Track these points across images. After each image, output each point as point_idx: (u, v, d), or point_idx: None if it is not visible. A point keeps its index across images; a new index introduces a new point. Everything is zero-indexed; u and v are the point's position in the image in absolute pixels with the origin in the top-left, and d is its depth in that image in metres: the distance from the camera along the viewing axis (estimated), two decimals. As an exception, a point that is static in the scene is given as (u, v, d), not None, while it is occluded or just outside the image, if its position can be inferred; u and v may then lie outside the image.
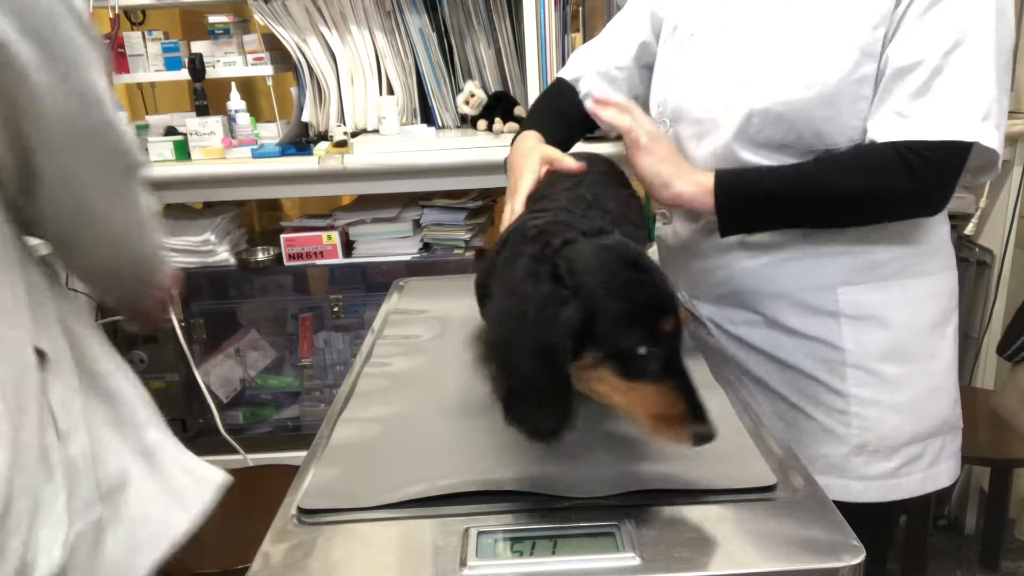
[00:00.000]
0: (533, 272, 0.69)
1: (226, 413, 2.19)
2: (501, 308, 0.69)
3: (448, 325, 1.17)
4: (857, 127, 0.97)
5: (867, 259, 1.04)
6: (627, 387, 0.67)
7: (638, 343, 0.65)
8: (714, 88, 1.03)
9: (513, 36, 2.09)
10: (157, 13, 2.29)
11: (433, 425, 0.86)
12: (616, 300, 0.65)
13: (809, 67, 0.96)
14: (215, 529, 1.72)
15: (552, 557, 0.65)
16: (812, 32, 0.97)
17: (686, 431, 0.66)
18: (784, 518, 0.68)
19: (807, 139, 0.98)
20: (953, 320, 1.10)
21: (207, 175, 2.02)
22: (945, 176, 0.95)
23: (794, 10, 0.98)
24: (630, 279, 0.67)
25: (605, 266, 0.68)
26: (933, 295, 1.07)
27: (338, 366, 2.28)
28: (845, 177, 0.95)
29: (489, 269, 0.86)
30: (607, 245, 0.70)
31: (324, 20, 2.03)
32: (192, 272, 2.11)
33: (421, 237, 2.12)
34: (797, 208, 0.99)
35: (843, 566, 0.62)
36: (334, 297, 2.19)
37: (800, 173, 0.97)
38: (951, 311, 1.09)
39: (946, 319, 1.08)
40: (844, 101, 0.95)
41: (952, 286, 1.09)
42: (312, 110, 2.13)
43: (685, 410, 0.66)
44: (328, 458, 0.81)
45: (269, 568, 0.64)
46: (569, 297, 0.66)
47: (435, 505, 0.71)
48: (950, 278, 1.09)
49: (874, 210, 0.99)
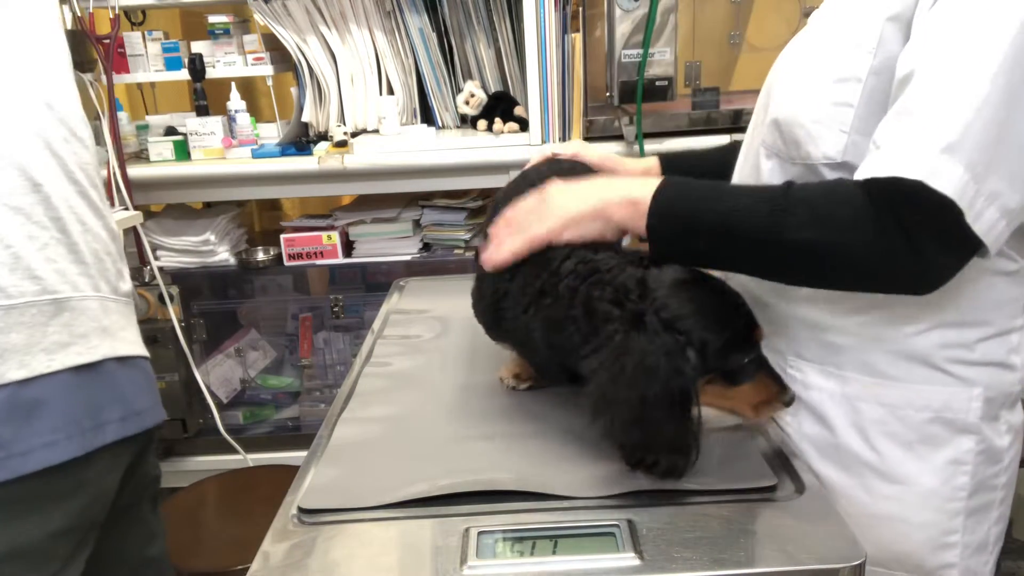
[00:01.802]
0: (633, 323, 0.72)
1: (226, 413, 2.19)
2: (619, 366, 0.71)
3: (448, 325, 1.17)
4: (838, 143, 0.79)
5: (822, 338, 0.85)
6: (734, 392, 0.76)
7: (743, 358, 0.75)
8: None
9: (513, 36, 2.09)
10: (157, 13, 2.29)
11: (433, 425, 0.86)
12: (724, 331, 0.73)
13: (794, 70, 0.85)
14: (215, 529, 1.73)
15: (552, 557, 0.65)
16: (815, 36, 0.85)
17: (779, 403, 0.77)
18: (784, 518, 0.68)
19: (792, 150, 0.83)
20: (949, 448, 0.82)
21: (207, 175, 2.02)
22: (913, 232, 0.68)
23: (817, 22, 0.86)
24: (726, 308, 0.75)
25: (703, 302, 0.74)
26: (910, 407, 0.82)
27: (338, 366, 2.28)
28: (801, 225, 0.71)
29: (505, 294, 0.85)
30: (691, 280, 0.75)
31: (324, 20, 2.03)
32: (192, 272, 2.11)
33: (421, 237, 2.12)
34: (741, 255, 0.77)
35: (843, 566, 0.62)
36: (334, 297, 2.19)
37: (752, 213, 0.73)
38: (948, 437, 0.82)
39: (931, 442, 0.82)
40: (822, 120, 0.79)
41: (952, 405, 0.81)
42: (312, 110, 2.13)
43: (777, 390, 0.77)
44: (328, 458, 0.81)
45: (269, 568, 0.64)
46: (685, 343, 0.71)
47: (435, 505, 0.71)
48: (946, 394, 0.81)
49: (835, 273, 0.74)
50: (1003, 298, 0.80)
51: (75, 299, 0.97)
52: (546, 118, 1.93)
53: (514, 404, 0.91)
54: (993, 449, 0.83)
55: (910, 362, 0.81)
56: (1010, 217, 0.68)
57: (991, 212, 0.67)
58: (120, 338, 1.03)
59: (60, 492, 0.95)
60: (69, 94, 1.07)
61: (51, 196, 0.97)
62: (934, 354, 0.80)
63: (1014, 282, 0.80)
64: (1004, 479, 0.86)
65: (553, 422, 0.85)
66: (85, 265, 1.00)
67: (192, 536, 1.66)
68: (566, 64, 1.89)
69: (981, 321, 0.80)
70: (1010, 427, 0.84)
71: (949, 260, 0.70)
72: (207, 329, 2.23)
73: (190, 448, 2.17)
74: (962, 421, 0.81)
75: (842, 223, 0.70)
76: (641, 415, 0.70)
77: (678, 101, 1.86)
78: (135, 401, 1.04)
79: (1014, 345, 0.82)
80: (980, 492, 0.84)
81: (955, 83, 0.67)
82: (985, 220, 0.67)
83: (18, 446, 0.90)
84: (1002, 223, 0.68)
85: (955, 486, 0.83)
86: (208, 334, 2.23)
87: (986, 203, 0.67)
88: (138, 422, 1.04)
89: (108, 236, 1.07)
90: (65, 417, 0.94)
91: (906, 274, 0.71)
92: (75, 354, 0.96)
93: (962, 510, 0.84)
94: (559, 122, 1.94)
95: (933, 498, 0.82)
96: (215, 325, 2.25)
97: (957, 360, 0.80)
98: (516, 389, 0.94)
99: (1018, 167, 0.67)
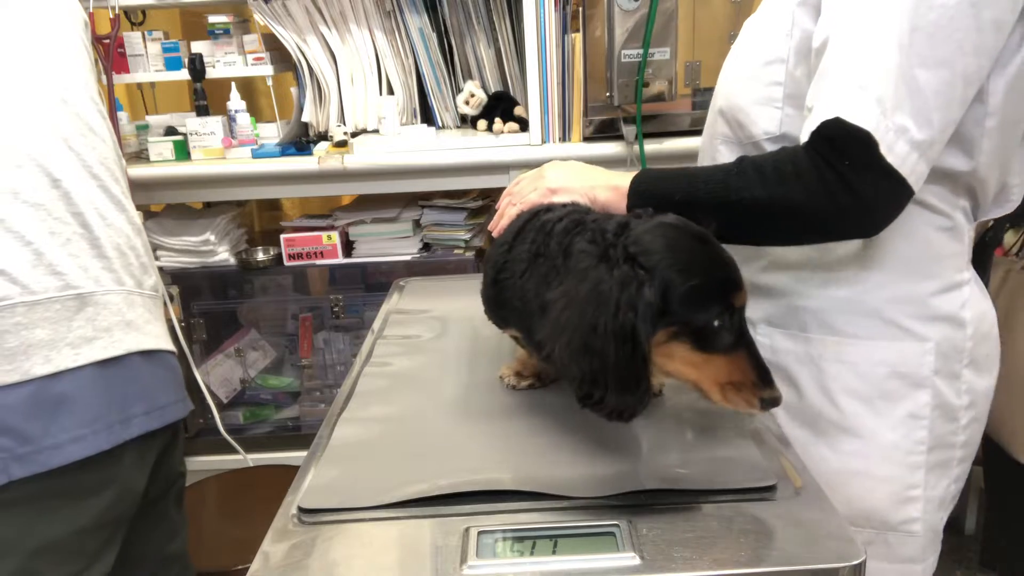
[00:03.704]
0: (601, 256, 0.70)
1: (226, 413, 2.19)
2: (573, 292, 0.69)
3: (448, 325, 1.17)
4: (773, 117, 0.88)
5: (787, 303, 0.92)
6: (700, 359, 0.70)
7: (714, 317, 0.68)
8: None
9: (513, 36, 2.09)
10: (157, 13, 2.29)
11: (433, 425, 0.86)
12: (692, 276, 0.68)
13: (732, 66, 0.95)
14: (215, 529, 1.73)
15: (552, 557, 0.65)
16: (746, 35, 0.95)
17: (756, 396, 0.70)
18: (784, 518, 0.68)
19: (738, 133, 0.93)
20: (906, 402, 0.88)
21: (207, 175, 2.02)
22: (845, 172, 0.75)
23: (748, 21, 0.97)
24: (702, 255, 0.70)
25: (677, 243, 0.69)
26: (868, 363, 0.88)
27: (338, 366, 2.28)
28: (751, 184, 0.79)
29: (504, 265, 0.86)
30: (672, 224, 0.72)
31: (324, 20, 2.03)
32: (192, 272, 2.11)
33: (421, 237, 2.12)
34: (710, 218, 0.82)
35: (843, 566, 0.62)
36: (334, 297, 2.19)
37: (709, 180, 0.82)
38: (904, 391, 0.88)
39: (889, 397, 0.88)
40: (758, 100, 0.89)
41: (907, 359, 0.87)
42: (312, 110, 2.13)
43: (754, 377, 0.70)
44: (328, 458, 0.81)
45: (269, 568, 0.64)
46: (646, 278, 0.67)
47: (435, 505, 0.71)
48: (900, 349, 0.88)
49: (787, 222, 0.81)
50: (945, 253, 0.87)
51: (98, 294, 0.98)
52: (546, 118, 1.93)
53: (514, 403, 0.91)
54: (948, 406, 0.89)
55: (867, 318, 0.88)
56: (920, 150, 0.75)
57: (901, 145, 0.74)
58: (145, 332, 1.04)
59: (88, 487, 0.96)
60: (85, 89, 1.07)
61: (71, 192, 0.98)
62: (886, 309, 0.87)
63: (951, 237, 0.87)
64: (962, 438, 0.91)
65: (553, 421, 0.85)
66: (107, 260, 1.00)
67: (192, 536, 1.66)
68: (566, 64, 1.89)
69: (929, 275, 0.87)
70: (970, 388, 0.89)
71: (883, 197, 0.76)
72: (207, 329, 2.23)
73: (190, 448, 2.16)
74: (916, 375, 0.87)
75: (784, 176, 0.78)
76: (589, 343, 0.67)
77: (678, 101, 1.86)
78: (159, 395, 1.05)
79: (964, 300, 0.88)
80: (938, 448, 0.89)
81: (863, 40, 0.76)
82: (897, 152, 0.74)
83: (46, 441, 0.91)
84: (914, 156, 0.75)
85: (914, 440, 0.88)
86: (208, 334, 2.23)
87: (896, 136, 0.74)
88: (161, 416, 1.05)
89: (131, 230, 1.07)
90: (92, 411, 0.94)
91: (848, 215, 0.77)
92: (100, 348, 0.96)
93: (922, 464, 0.89)
94: (559, 122, 1.94)
95: (894, 452, 0.88)
96: (215, 325, 2.25)
97: (909, 315, 0.87)
98: (516, 388, 0.94)
99: (921, 105, 0.74)
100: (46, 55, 1.03)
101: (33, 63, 1.01)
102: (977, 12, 0.74)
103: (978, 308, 0.90)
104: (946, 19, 0.73)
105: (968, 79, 0.76)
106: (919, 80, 0.74)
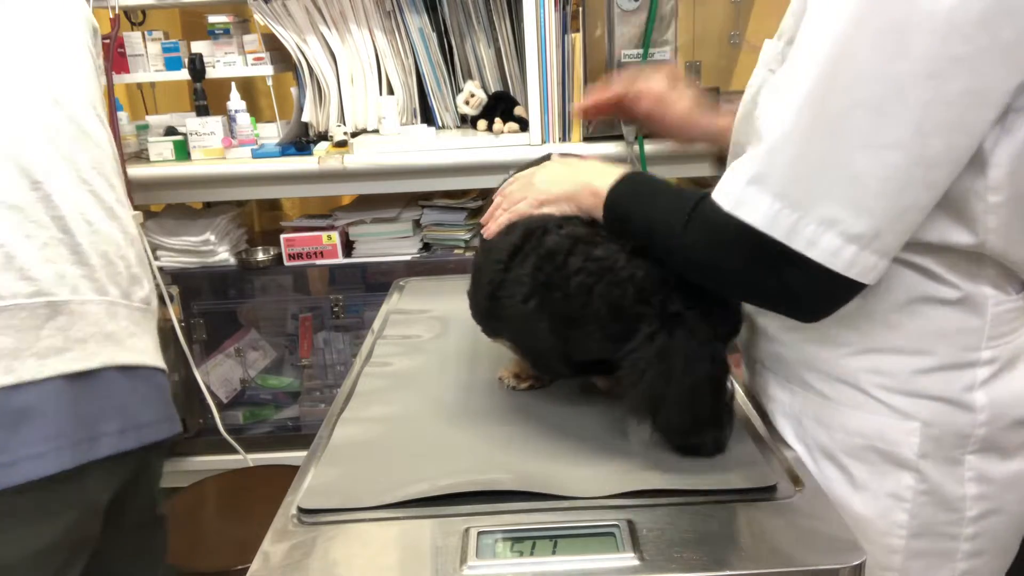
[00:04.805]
0: (662, 318, 0.75)
1: (226, 413, 2.19)
2: (661, 361, 0.75)
3: (448, 325, 1.17)
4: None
5: (772, 348, 0.86)
6: None
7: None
8: None
9: (513, 36, 2.08)
10: (157, 13, 2.29)
11: (433, 425, 0.86)
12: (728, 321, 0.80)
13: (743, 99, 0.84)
14: (215, 529, 1.73)
15: (552, 557, 0.65)
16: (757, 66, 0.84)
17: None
18: (784, 518, 0.68)
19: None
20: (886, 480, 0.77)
21: (207, 175, 2.02)
22: (774, 262, 0.67)
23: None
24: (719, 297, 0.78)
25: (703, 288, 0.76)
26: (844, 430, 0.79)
27: (338, 366, 2.27)
28: (695, 240, 0.72)
29: (501, 283, 0.84)
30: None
31: (324, 20, 2.03)
32: (192, 272, 2.11)
33: (421, 237, 2.12)
34: (662, 257, 0.77)
35: (843, 566, 0.62)
36: (334, 297, 2.19)
37: (667, 216, 0.75)
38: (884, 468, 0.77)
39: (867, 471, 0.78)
40: (747, 126, 0.79)
41: (886, 436, 0.76)
42: (312, 110, 2.13)
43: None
44: (328, 458, 0.81)
45: (269, 568, 0.64)
46: (710, 333, 0.77)
47: (435, 505, 0.71)
48: (878, 423, 0.77)
49: (729, 290, 0.76)
50: (948, 328, 0.74)
51: (74, 303, 0.93)
52: (546, 118, 1.93)
53: (514, 404, 0.91)
54: (943, 493, 0.76)
55: (842, 384, 0.78)
56: (861, 242, 0.64)
57: (829, 238, 0.64)
58: (127, 346, 0.98)
59: (47, 507, 0.90)
60: (84, 94, 1.04)
61: (52, 194, 0.93)
62: (863, 379, 0.77)
63: (962, 311, 0.73)
64: (969, 531, 0.78)
65: (553, 422, 0.85)
66: (90, 267, 0.96)
67: (192, 536, 1.66)
68: (566, 64, 1.89)
69: (918, 351, 0.74)
70: (982, 476, 0.76)
71: (815, 291, 0.68)
72: (207, 329, 2.22)
73: (190, 448, 2.16)
74: (897, 455, 0.76)
75: (721, 247, 0.70)
76: (692, 400, 0.75)
77: (678, 101, 1.86)
78: (138, 414, 0.99)
79: (976, 382, 0.75)
80: (927, 536, 0.78)
81: (773, 114, 0.66)
82: (824, 247, 0.64)
83: (3, 456, 0.85)
84: (851, 248, 0.64)
85: (892, 521, 0.77)
86: (208, 334, 2.23)
87: (820, 230, 0.64)
88: (137, 436, 0.98)
89: (123, 239, 1.02)
90: (56, 427, 0.89)
91: (780, 301, 0.71)
92: (70, 360, 0.91)
93: (900, 548, 0.78)
94: (559, 122, 1.94)
95: (868, 528, 0.78)
96: (215, 325, 2.25)
97: (888, 389, 0.76)
98: (516, 389, 0.94)
99: (856, 194, 0.63)
100: (41, 55, 1.00)
101: (25, 62, 0.98)
102: (939, 85, 0.60)
103: (1010, 392, 0.76)
104: (894, 94, 0.60)
105: (932, 161, 0.63)
106: (855, 165, 0.63)
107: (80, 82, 1.04)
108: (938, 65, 0.60)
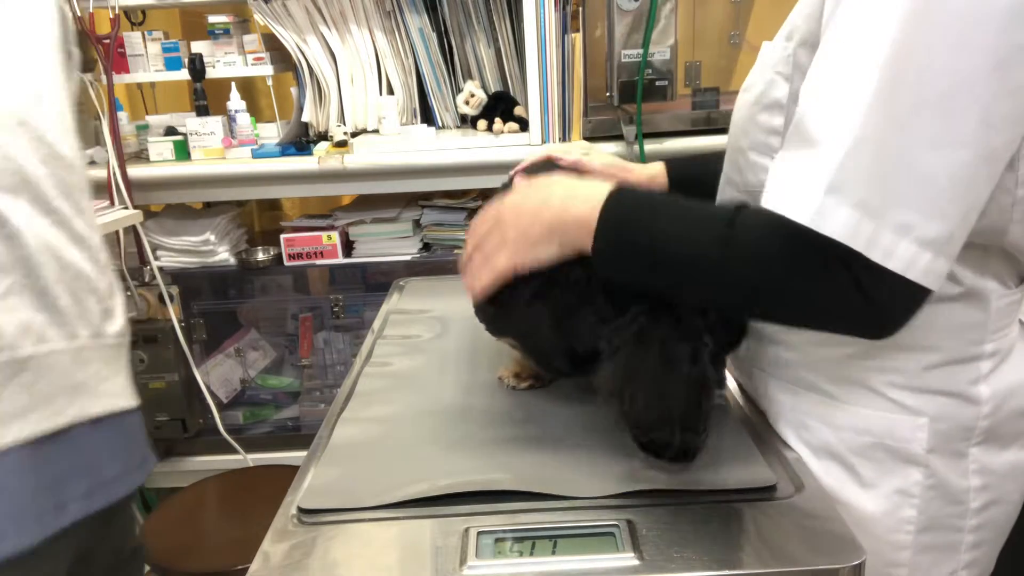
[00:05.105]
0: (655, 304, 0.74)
1: (226, 413, 2.19)
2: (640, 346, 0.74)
3: (448, 325, 1.17)
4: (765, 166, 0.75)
5: (773, 351, 0.84)
6: None
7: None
8: None
9: (513, 36, 2.09)
10: (157, 13, 2.29)
11: (433, 425, 0.86)
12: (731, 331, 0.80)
13: (739, 103, 0.82)
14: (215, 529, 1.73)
15: (552, 557, 0.65)
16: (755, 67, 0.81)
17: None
18: (784, 518, 0.68)
19: (736, 178, 0.82)
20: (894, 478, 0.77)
21: (207, 175, 2.02)
22: (860, 277, 0.63)
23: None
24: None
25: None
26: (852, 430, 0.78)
27: (338, 366, 2.28)
28: (745, 263, 0.67)
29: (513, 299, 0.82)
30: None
31: (324, 20, 2.03)
32: (192, 272, 2.11)
33: (421, 237, 2.12)
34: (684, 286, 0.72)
35: (843, 566, 0.62)
36: (334, 297, 2.19)
37: (692, 241, 0.69)
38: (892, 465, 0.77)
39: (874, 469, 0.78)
40: (757, 147, 0.77)
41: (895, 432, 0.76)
42: (312, 110, 2.13)
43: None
44: (328, 458, 0.81)
45: (269, 568, 0.64)
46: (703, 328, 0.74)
47: (435, 505, 0.71)
48: (887, 421, 0.77)
49: (782, 315, 0.72)
50: (955, 323, 0.74)
51: (39, 356, 0.84)
52: (546, 118, 1.93)
53: (514, 404, 0.91)
54: (949, 487, 0.77)
55: (850, 384, 0.78)
56: (935, 248, 0.61)
57: (905, 246, 0.61)
58: (98, 393, 0.91)
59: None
60: (52, 109, 0.94)
61: (20, 233, 0.85)
62: (872, 378, 0.76)
63: (967, 306, 0.74)
64: (973, 522, 0.79)
65: (553, 422, 0.85)
66: (57, 312, 0.88)
67: (192, 536, 1.66)
68: (566, 64, 1.89)
69: (926, 347, 0.74)
70: (984, 468, 0.77)
71: (892, 301, 0.64)
72: (207, 329, 2.22)
73: (190, 448, 2.17)
74: (906, 451, 0.76)
75: (783, 266, 0.66)
76: (664, 391, 0.72)
77: (678, 101, 1.86)
78: (106, 468, 0.92)
79: (980, 375, 0.75)
80: (934, 530, 0.78)
81: (833, 118, 0.62)
82: (900, 256, 0.61)
83: None
84: (926, 256, 0.61)
85: (900, 518, 0.78)
86: (208, 334, 2.23)
87: (896, 237, 0.61)
88: (106, 494, 0.92)
89: (94, 269, 0.94)
90: (17, 502, 0.81)
91: (856, 319, 0.66)
92: (34, 422, 0.83)
93: (909, 544, 0.78)
94: (559, 122, 1.94)
95: (875, 526, 0.78)
96: (215, 325, 2.25)
97: (898, 386, 0.76)
98: (516, 389, 0.94)
99: (930, 196, 0.60)
100: (2, 74, 0.90)
101: None
102: (1003, 76, 0.58)
103: (1008, 383, 0.77)
104: (960, 89, 0.58)
105: (995, 155, 0.62)
106: (926, 165, 0.60)
107: (50, 93, 0.95)
108: (1002, 55, 0.58)
